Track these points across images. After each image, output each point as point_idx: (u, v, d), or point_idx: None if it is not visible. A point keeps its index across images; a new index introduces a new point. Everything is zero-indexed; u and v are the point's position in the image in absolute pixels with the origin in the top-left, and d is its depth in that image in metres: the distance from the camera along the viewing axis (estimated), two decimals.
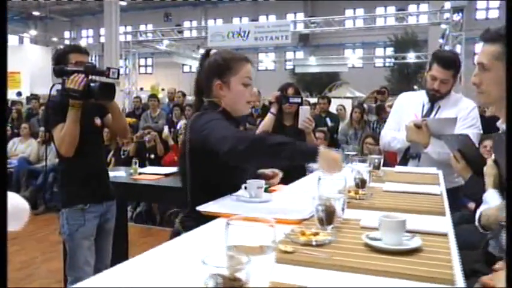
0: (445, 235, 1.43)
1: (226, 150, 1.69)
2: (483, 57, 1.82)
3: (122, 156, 6.74)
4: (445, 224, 1.58)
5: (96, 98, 2.69)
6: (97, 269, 2.78)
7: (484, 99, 1.88)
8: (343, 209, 1.51)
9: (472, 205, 3.16)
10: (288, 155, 1.71)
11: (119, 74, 2.81)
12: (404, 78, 23.09)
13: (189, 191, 1.97)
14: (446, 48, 14.98)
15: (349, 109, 9.30)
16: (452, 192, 2.28)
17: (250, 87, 2.06)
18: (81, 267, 2.77)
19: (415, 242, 1.28)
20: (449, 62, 2.95)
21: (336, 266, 1.16)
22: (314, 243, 1.29)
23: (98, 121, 2.91)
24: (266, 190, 2.75)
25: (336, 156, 1.74)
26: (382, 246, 1.25)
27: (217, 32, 16.49)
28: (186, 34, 20.71)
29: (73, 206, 2.79)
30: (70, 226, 2.78)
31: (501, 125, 1.89)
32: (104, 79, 2.74)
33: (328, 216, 1.43)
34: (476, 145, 2.36)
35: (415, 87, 20.37)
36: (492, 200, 1.85)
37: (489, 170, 1.93)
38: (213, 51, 2.12)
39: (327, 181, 1.70)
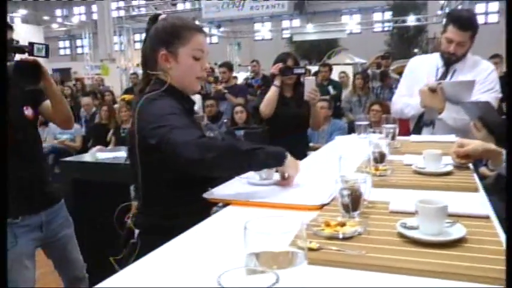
0: (486, 218, 1.26)
1: (192, 159, 1.45)
2: None
3: (122, 135, 6.53)
4: (483, 204, 1.41)
5: (13, 82, 2.02)
6: (73, 279, 2.46)
7: None
8: (369, 192, 1.33)
9: (484, 170, 3.01)
10: (259, 161, 1.58)
11: (47, 50, 2.20)
12: (404, 42, 22.72)
13: (141, 186, 1.70)
14: (447, 10, 14.65)
15: (351, 76, 9.07)
16: None
17: (202, 61, 1.75)
18: None
19: (458, 230, 1.11)
20: (466, 23, 2.73)
21: (370, 265, 0.98)
22: (341, 236, 1.12)
23: (28, 112, 2.25)
24: None
25: (298, 162, 1.73)
26: (422, 237, 1.08)
27: (211, 3, 16.11)
28: (180, 7, 20.28)
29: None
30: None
31: None
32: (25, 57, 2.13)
33: (354, 202, 1.25)
34: (473, 124, 2.18)
35: (416, 50, 20.05)
36: None
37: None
38: (162, 16, 1.80)
39: (347, 159, 1.52)
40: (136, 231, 1.71)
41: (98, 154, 3.83)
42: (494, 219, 1.26)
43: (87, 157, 4.05)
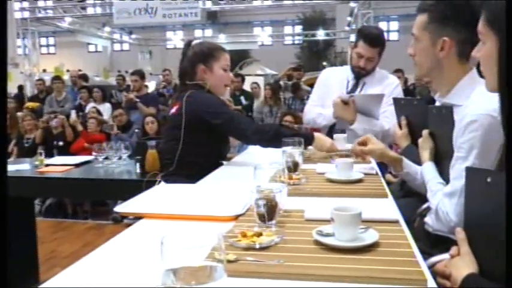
0: (396, 222, 1.31)
1: (254, 139, 2.40)
2: (414, 27, 1.79)
3: (26, 145, 6.13)
4: (392, 209, 1.46)
5: None
6: None
7: (418, 70, 1.84)
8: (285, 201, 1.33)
9: (389, 177, 3.14)
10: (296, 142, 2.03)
11: None
12: (314, 56, 23.45)
13: (178, 155, 2.32)
14: (354, 26, 15.37)
15: (262, 86, 9.19)
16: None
17: (228, 73, 2.49)
18: None
19: (371, 235, 1.14)
20: (375, 40, 2.87)
21: (289, 274, 0.98)
22: (258, 246, 1.11)
23: None
24: None
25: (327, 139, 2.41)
26: (338, 244, 1.09)
27: (123, 9, 15.65)
28: (90, 11, 19.55)
29: None
30: None
31: (439, 98, 1.81)
32: None
33: (270, 211, 1.25)
34: (395, 123, 2.27)
35: (325, 63, 20.77)
36: (429, 173, 1.77)
37: (425, 143, 1.85)
38: (194, 42, 2.53)
39: (261, 169, 1.51)
40: None
41: None
42: (403, 223, 1.31)
43: None
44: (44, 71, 19.41)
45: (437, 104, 1.85)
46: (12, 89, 14.24)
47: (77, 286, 0.99)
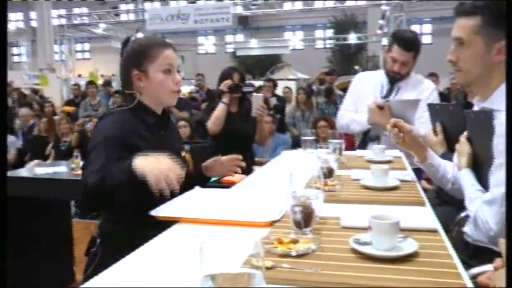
0: (435, 231, 1.28)
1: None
2: (460, 32, 1.66)
3: (63, 148, 6.28)
4: (431, 217, 1.43)
5: None
6: None
7: (463, 77, 1.72)
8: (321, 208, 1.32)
9: (425, 184, 3.08)
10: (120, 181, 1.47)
11: None
12: (345, 59, 23.33)
13: None
14: (386, 30, 15.19)
15: (294, 91, 9.18)
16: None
17: (173, 75, 1.81)
18: None
19: (410, 244, 1.11)
20: (410, 43, 2.82)
21: (326, 283, 0.97)
22: (294, 253, 1.10)
23: None
24: (219, 181, 2.55)
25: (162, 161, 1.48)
26: (376, 253, 1.07)
27: (155, 15, 15.89)
28: (123, 17, 19.95)
29: None
30: None
31: (478, 102, 1.75)
32: None
33: (306, 218, 1.23)
34: (431, 129, 2.21)
35: (357, 67, 20.61)
36: (467, 179, 1.72)
37: (463, 148, 1.79)
38: (132, 38, 1.89)
39: (298, 175, 1.50)
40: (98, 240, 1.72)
41: (37, 169, 3.66)
42: (442, 233, 1.28)
43: (24, 172, 3.86)
44: (79, 76, 19.86)
45: (475, 108, 1.80)
46: (49, 93, 14.62)
47: (117, 287, 1.00)
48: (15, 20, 32.67)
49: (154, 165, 1.44)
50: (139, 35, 23.42)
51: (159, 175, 1.41)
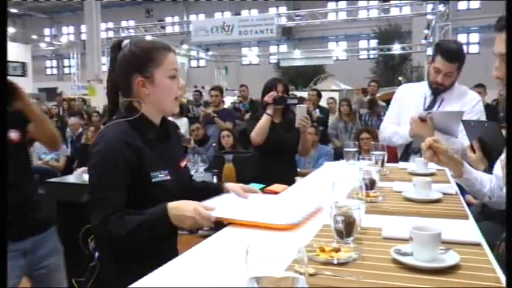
0: (478, 245, 1.28)
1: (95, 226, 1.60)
2: (504, 47, 1.62)
3: None
4: (474, 231, 1.42)
5: None
6: None
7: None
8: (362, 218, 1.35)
9: (470, 198, 3.02)
10: (147, 235, 1.53)
11: (24, 69, 1.94)
12: (389, 70, 23.06)
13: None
14: (431, 39, 14.95)
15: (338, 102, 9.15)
16: None
17: (177, 80, 1.71)
18: None
19: (452, 257, 1.12)
20: (454, 54, 2.78)
21: None
22: (336, 261, 1.13)
23: (14, 135, 2.13)
24: (261, 191, 2.59)
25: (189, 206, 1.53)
26: (417, 264, 1.09)
27: (200, 27, 16.25)
28: (169, 29, 20.42)
29: None
30: None
31: None
32: None
33: (348, 228, 1.26)
34: (468, 145, 2.19)
35: (401, 78, 20.35)
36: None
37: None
38: (125, 42, 1.73)
39: (340, 185, 1.53)
40: (96, 254, 1.71)
41: (84, 176, 3.81)
42: (486, 247, 1.28)
43: (72, 178, 4.02)
44: None
45: None
46: (96, 102, 15.11)
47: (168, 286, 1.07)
48: (66, 34, 33.95)
49: (188, 214, 1.49)
50: (184, 46, 23.88)
51: (194, 225, 1.51)
